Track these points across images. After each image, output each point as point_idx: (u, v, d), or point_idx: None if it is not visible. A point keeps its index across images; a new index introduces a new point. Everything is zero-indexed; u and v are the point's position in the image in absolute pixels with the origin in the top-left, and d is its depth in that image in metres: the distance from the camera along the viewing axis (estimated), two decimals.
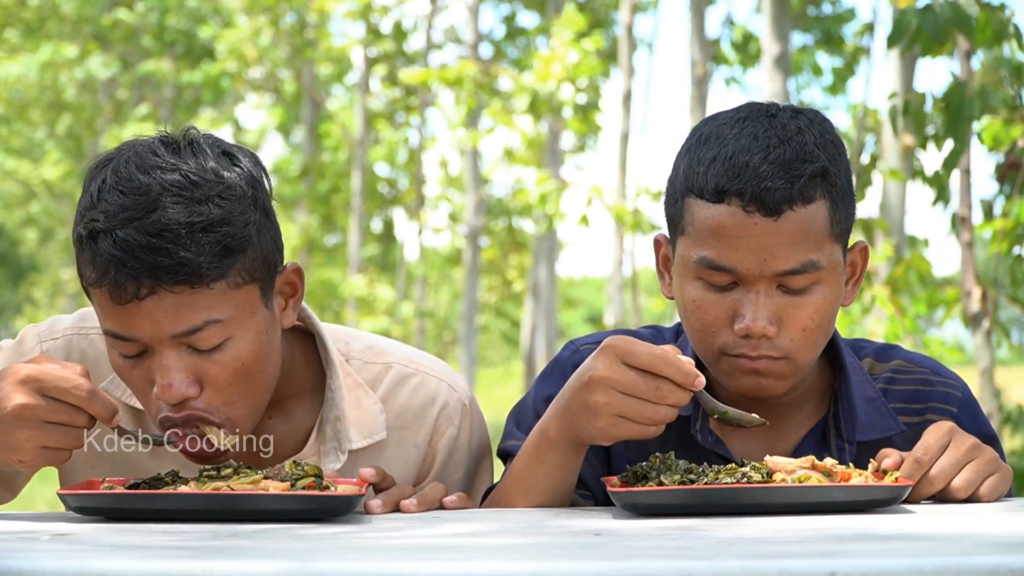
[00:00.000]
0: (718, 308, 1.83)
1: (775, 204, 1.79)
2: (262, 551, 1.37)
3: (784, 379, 1.86)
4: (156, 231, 1.70)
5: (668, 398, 1.71)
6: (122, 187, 1.73)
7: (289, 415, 1.97)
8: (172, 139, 1.79)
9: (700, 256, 1.84)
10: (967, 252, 4.25)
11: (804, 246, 1.81)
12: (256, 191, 1.80)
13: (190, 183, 1.73)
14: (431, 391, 2.02)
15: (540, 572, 1.23)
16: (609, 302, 12.58)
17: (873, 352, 2.04)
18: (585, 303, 33.95)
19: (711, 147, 1.84)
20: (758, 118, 1.86)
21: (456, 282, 23.25)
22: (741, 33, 11.59)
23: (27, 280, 29.25)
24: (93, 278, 1.75)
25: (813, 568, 1.21)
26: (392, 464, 1.95)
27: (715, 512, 1.64)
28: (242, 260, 1.76)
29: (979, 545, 1.36)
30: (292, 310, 1.88)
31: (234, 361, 1.77)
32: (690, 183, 1.85)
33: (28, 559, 1.27)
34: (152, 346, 1.75)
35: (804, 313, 1.83)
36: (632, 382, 1.70)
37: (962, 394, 2.00)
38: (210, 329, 1.74)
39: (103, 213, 1.73)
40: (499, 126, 12.42)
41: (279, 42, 17.14)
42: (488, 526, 1.64)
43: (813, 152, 1.82)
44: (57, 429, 1.67)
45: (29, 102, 20.42)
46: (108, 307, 1.75)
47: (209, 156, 1.77)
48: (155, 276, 1.70)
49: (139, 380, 1.79)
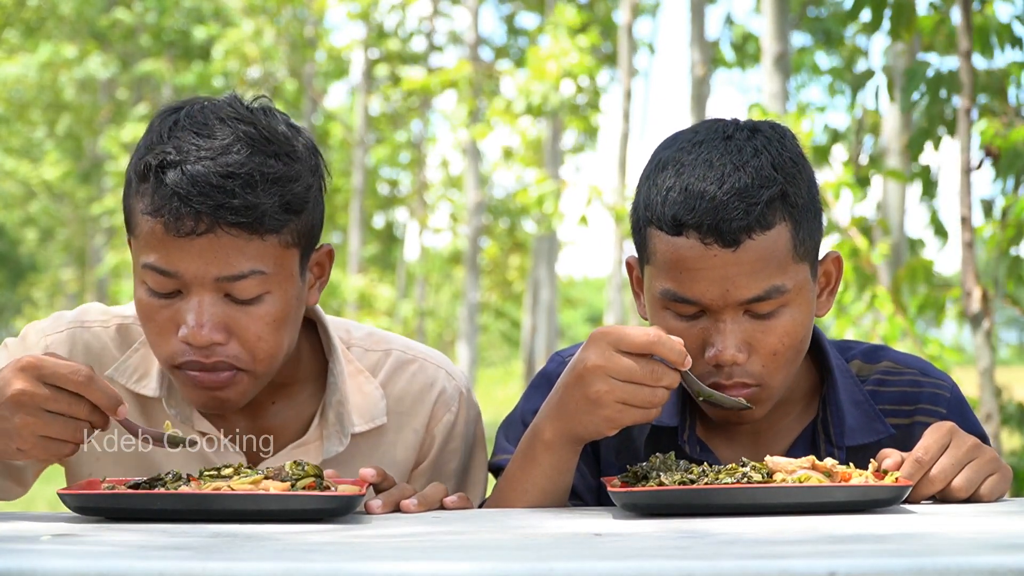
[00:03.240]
0: (687, 337, 1.81)
1: (733, 235, 1.77)
2: (262, 551, 1.37)
3: (762, 404, 1.86)
4: (227, 172, 1.74)
5: (663, 379, 1.71)
6: (196, 128, 1.77)
7: (293, 400, 2.00)
8: (244, 100, 1.85)
9: (663, 288, 1.83)
10: (967, 252, 4.25)
11: (766, 272, 1.79)
12: (317, 162, 1.86)
13: (263, 137, 1.78)
14: (429, 377, 2.05)
15: (540, 572, 1.23)
16: (609, 303, 12.58)
17: (861, 354, 2.03)
18: (585, 303, 33.95)
19: (668, 175, 1.83)
20: (714, 141, 1.83)
21: (456, 282, 23.24)
22: (741, 33, 11.59)
23: (27, 280, 29.24)
24: (151, 208, 1.76)
25: (813, 568, 1.21)
26: (392, 448, 2.00)
27: (715, 512, 1.64)
28: (296, 222, 1.81)
29: (979, 545, 1.36)
30: (317, 290, 1.93)
31: (267, 315, 1.81)
32: (650, 213, 1.84)
33: (28, 559, 1.27)
34: (191, 286, 1.78)
35: (773, 337, 1.82)
36: (628, 368, 1.71)
37: (951, 394, 1.99)
38: (253, 279, 1.78)
39: (175, 148, 1.76)
40: (500, 126, 12.42)
41: (280, 42, 17.14)
42: (488, 526, 1.64)
43: (770, 176, 1.80)
44: (56, 419, 1.66)
45: (28, 102, 20.42)
46: (159, 238, 1.76)
47: (280, 121, 1.84)
48: (217, 214, 1.74)
49: (165, 320, 1.80)
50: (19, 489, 2.02)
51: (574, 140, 18.35)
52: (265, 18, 16.93)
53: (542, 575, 1.23)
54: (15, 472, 2.00)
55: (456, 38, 18.39)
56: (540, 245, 15.55)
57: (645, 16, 16.36)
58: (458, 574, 1.25)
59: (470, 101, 12.62)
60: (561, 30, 10.73)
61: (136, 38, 19.20)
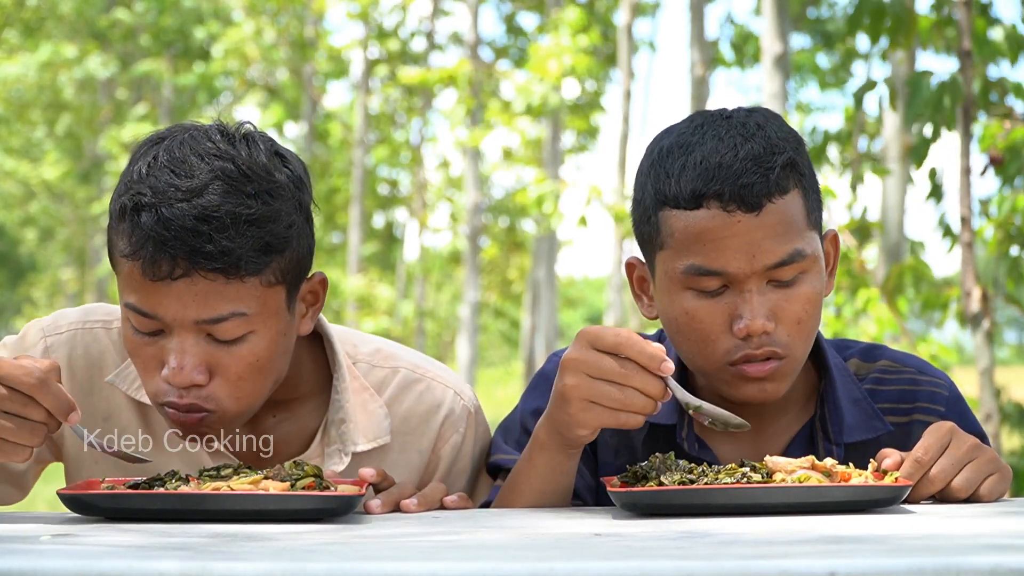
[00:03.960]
0: (713, 315, 1.83)
1: (755, 199, 1.80)
2: (262, 551, 1.37)
3: (785, 379, 1.87)
4: (203, 215, 1.70)
5: (634, 379, 1.69)
6: (173, 166, 1.73)
7: (295, 415, 1.97)
8: (228, 129, 1.79)
9: (687, 265, 1.83)
10: (967, 252, 4.25)
11: (788, 236, 1.82)
12: (302, 195, 1.81)
13: (241, 175, 1.73)
14: (437, 397, 2.02)
15: (540, 572, 1.23)
16: (609, 303, 12.59)
17: (859, 353, 2.03)
18: (585, 303, 33.96)
19: (676, 157, 1.84)
20: (715, 122, 1.86)
21: (456, 282, 23.25)
22: (740, 34, 11.60)
23: (26, 280, 29.25)
24: (128, 251, 1.73)
25: (813, 568, 1.21)
26: (395, 469, 1.95)
27: (715, 512, 1.64)
28: (278, 260, 1.76)
29: (979, 545, 1.36)
30: (310, 319, 1.89)
31: (250, 356, 1.77)
32: (662, 196, 1.84)
33: (28, 559, 1.27)
34: (172, 327, 1.75)
35: (797, 305, 1.84)
36: (597, 362, 1.70)
37: (949, 393, 2.00)
38: (234, 321, 1.75)
39: (151, 188, 1.72)
40: (500, 126, 12.43)
41: (280, 43, 17.14)
42: (488, 526, 1.64)
43: (779, 144, 1.84)
44: (12, 420, 1.64)
45: (28, 102, 20.41)
46: (137, 281, 1.74)
47: (262, 152, 1.78)
48: (193, 260, 1.70)
49: (149, 358, 1.78)
50: (18, 494, 2.01)
51: (574, 140, 18.35)
52: (266, 18, 16.94)
53: (542, 575, 1.23)
54: (14, 477, 1.99)
55: (457, 38, 18.40)
56: (540, 245, 15.54)
57: (645, 16, 16.35)
58: (458, 574, 1.24)
59: (469, 100, 12.61)
60: (563, 28, 10.74)
61: (136, 38, 19.20)
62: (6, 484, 2.00)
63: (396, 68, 17.54)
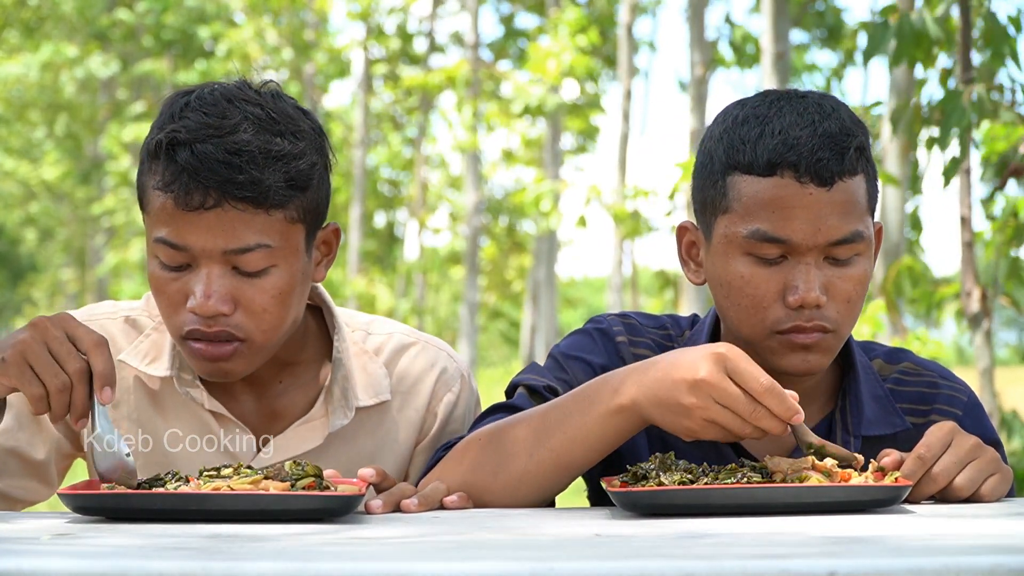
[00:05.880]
0: (768, 282, 1.87)
1: (828, 175, 1.84)
2: (262, 551, 1.37)
3: (829, 353, 1.90)
4: (234, 149, 1.81)
5: (762, 422, 1.70)
6: (206, 109, 1.85)
7: (299, 379, 2.06)
8: (254, 85, 1.92)
9: (752, 230, 1.86)
10: (967, 252, 4.25)
11: (852, 216, 1.86)
12: (323, 143, 1.93)
13: (269, 118, 1.86)
14: (431, 357, 2.12)
15: (540, 572, 1.23)
16: (609, 303, 12.59)
17: (883, 354, 2.07)
18: (585, 303, 33.98)
19: (753, 126, 1.88)
20: (791, 100, 1.91)
21: (456, 282, 23.25)
22: (740, 34, 11.59)
23: (26, 280, 29.27)
24: (161, 184, 1.84)
25: (813, 568, 1.21)
26: (395, 426, 2.06)
27: (715, 512, 1.64)
28: (301, 198, 1.87)
29: (979, 545, 1.36)
30: (324, 267, 2.00)
31: (272, 288, 1.87)
32: (734, 161, 1.88)
33: (28, 559, 1.27)
34: (200, 259, 1.85)
35: (849, 284, 1.88)
36: (732, 399, 1.69)
37: (968, 399, 2.03)
38: (259, 252, 1.85)
39: (184, 127, 1.83)
40: (499, 127, 12.44)
41: (282, 43, 17.15)
42: (488, 526, 1.64)
43: (852, 128, 1.89)
44: (50, 360, 1.70)
45: (28, 102, 20.42)
46: (169, 213, 1.84)
47: (288, 104, 1.91)
48: (224, 189, 1.81)
49: (174, 293, 1.87)
50: (45, 490, 2.06)
51: (574, 140, 18.36)
52: (268, 19, 16.95)
53: (542, 575, 1.23)
54: (38, 469, 2.03)
55: (458, 39, 18.41)
56: (540, 245, 15.55)
57: (645, 16, 16.35)
58: (458, 574, 1.25)
59: (472, 102, 12.62)
60: (562, 28, 10.75)
61: (137, 38, 19.21)
62: (31, 478, 2.04)
63: (396, 68, 17.56)
